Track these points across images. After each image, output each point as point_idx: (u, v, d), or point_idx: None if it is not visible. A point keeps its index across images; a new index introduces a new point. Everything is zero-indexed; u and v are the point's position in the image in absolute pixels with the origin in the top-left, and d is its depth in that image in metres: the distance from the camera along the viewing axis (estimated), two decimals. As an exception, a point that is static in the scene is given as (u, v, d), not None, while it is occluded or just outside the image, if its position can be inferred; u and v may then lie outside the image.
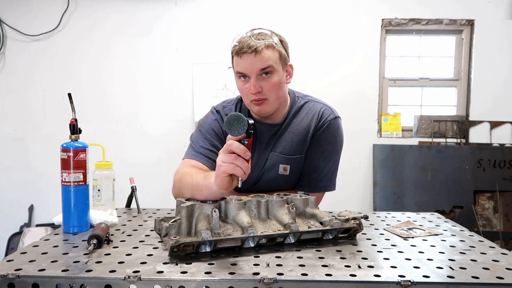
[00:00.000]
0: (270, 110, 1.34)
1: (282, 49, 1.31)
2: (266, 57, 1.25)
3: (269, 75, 1.28)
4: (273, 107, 1.34)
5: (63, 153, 1.13)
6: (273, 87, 1.29)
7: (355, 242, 1.06)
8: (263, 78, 1.28)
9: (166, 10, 3.26)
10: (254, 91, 1.27)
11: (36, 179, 3.32)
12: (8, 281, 0.79)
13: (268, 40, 1.26)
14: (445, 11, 3.25)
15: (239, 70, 1.29)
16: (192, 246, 0.92)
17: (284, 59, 1.32)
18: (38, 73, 3.30)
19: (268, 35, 1.28)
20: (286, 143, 1.40)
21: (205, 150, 1.37)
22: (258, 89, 1.27)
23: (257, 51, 1.23)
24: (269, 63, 1.26)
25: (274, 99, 1.31)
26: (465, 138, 3.30)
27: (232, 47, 1.30)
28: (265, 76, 1.27)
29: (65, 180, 1.13)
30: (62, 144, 1.13)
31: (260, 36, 1.27)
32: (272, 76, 1.28)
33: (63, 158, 1.13)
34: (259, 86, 1.27)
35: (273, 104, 1.33)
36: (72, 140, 1.15)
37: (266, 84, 1.28)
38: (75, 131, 1.16)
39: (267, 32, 1.29)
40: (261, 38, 1.26)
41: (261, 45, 1.24)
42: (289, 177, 1.41)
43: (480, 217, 3.18)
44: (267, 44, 1.25)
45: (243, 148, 0.92)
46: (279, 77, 1.30)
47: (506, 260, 0.93)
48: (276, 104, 1.34)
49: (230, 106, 1.48)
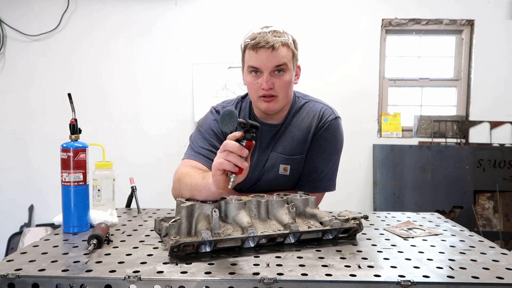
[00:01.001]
0: (278, 108, 1.35)
1: (294, 49, 1.33)
2: (282, 54, 1.27)
3: (282, 72, 1.30)
4: (281, 105, 1.35)
5: (63, 153, 1.13)
6: (285, 85, 1.31)
7: (355, 242, 1.06)
8: (276, 75, 1.29)
9: (166, 10, 3.26)
10: (267, 87, 1.29)
11: (36, 179, 3.32)
12: (8, 281, 0.79)
13: (283, 38, 1.29)
14: (445, 11, 3.25)
15: (252, 65, 1.30)
16: (192, 246, 0.92)
17: (296, 59, 1.35)
18: (38, 73, 3.30)
19: (282, 33, 1.31)
20: (286, 143, 1.40)
21: (205, 150, 1.37)
22: (270, 85, 1.29)
23: (274, 47, 1.25)
24: (284, 60, 1.28)
25: (283, 97, 1.33)
26: (465, 138, 3.30)
27: (244, 41, 1.32)
28: (278, 74, 1.29)
29: (65, 180, 1.13)
30: (62, 144, 1.13)
31: (276, 34, 1.29)
32: (284, 74, 1.30)
33: (63, 158, 1.13)
34: (271, 83, 1.29)
35: (281, 102, 1.34)
36: (72, 140, 1.15)
37: (278, 81, 1.30)
38: (75, 131, 1.16)
39: (281, 30, 1.31)
40: (277, 36, 1.28)
41: (279, 42, 1.27)
42: (290, 177, 1.41)
43: (480, 217, 3.18)
44: (283, 42, 1.28)
45: (238, 146, 0.93)
46: (291, 76, 1.32)
47: (506, 260, 0.93)
48: (284, 102, 1.35)
49: (230, 106, 1.48)
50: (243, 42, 1.33)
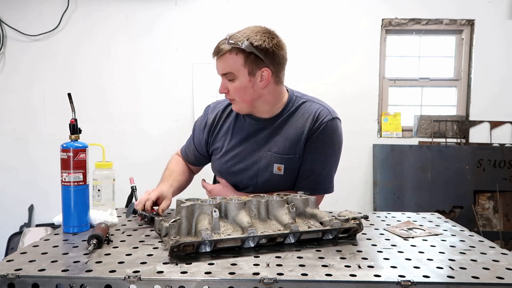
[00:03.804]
0: (241, 109, 1.40)
1: (252, 54, 1.27)
2: (225, 63, 1.30)
3: (232, 79, 1.33)
4: (242, 107, 1.38)
5: (63, 153, 1.13)
6: (236, 91, 1.34)
7: (355, 242, 1.06)
8: (228, 81, 1.34)
9: (166, 10, 3.26)
10: (220, 91, 1.37)
11: (36, 179, 3.32)
12: (8, 281, 0.79)
13: (236, 45, 1.26)
14: (445, 11, 3.25)
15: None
16: (192, 246, 0.92)
17: (254, 64, 1.28)
18: (38, 73, 3.29)
19: (240, 38, 1.26)
20: (280, 142, 1.39)
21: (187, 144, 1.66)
22: (223, 90, 1.36)
23: (220, 55, 1.30)
24: (228, 70, 1.31)
25: (241, 101, 1.36)
26: (465, 138, 3.30)
27: None
28: (229, 80, 1.34)
29: (65, 180, 1.13)
30: (62, 144, 1.13)
31: (231, 39, 1.27)
32: (234, 80, 1.33)
33: (63, 158, 1.13)
34: (225, 87, 1.35)
35: (241, 105, 1.38)
36: (72, 140, 1.15)
37: (230, 86, 1.34)
38: (75, 131, 1.16)
39: (240, 36, 1.27)
40: (232, 41, 1.27)
41: (226, 50, 1.28)
42: (284, 177, 1.40)
43: (480, 217, 3.18)
44: (232, 49, 1.27)
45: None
46: (242, 82, 1.32)
47: (506, 260, 0.93)
48: (245, 104, 1.37)
49: (223, 102, 1.54)
50: None
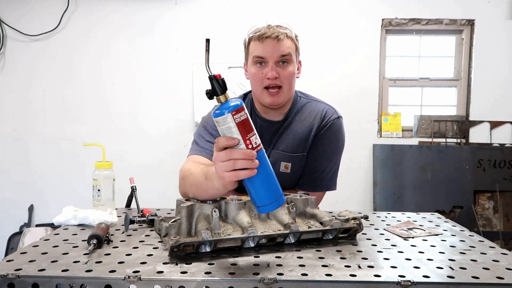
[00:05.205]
0: (282, 101, 1.38)
1: (297, 43, 1.39)
2: (286, 45, 1.32)
3: (286, 64, 1.34)
4: (285, 98, 1.38)
5: (237, 114, 0.86)
6: (289, 76, 1.34)
7: (355, 242, 1.06)
8: (280, 66, 1.33)
9: (166, 10, 3.26)
10: (272, 76, 1.32)
11: (36, 179, 3.32)
12: (8, 281, 0.79)
13: (287, 31, 1.34)
14: (445, 11, 3.25)
15: (258, 54, 1.33)
16: (192, 246, 0.92)
17: (298, 53, 1.41)
18: (38, 73, 3.29)
19: (286, 27, 1.36)
20: (288, 141, 1.41)
21: (211, 144, 1.33)
22: (275, 74, 1.32)
23: (279, 38, 1.30)
24: (289, 51, 1.33)
25: (287, 89, 1.36)
26: (465, 138, 3.30)
27: (249, 35, 1.36)
28: (282, 65, 1.33)
29: (256, 144, 0.86)
30: (227, 107, 0.87)
31: (280, 27, 1.34)
32: (288, 65, 1.34)
33: (243, 119, 0.86)
34: (276, 73, 1.32)
35: (286, 95, 1.37)
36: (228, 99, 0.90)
37: (283, 71, 1.33)
38: (225, 87, 0.93)
39: (284, 25, 1.36)
40: (281, 29, 1.33)
41: (283, 33, 1.32)
42: (291, 176, 1.42)
43: (480, 217, 3.18)
44: (288, 34, 1.34)
45: (244, 152, 0.84)
46: (294, 68, 1.36)
47: (506, 260, 0.93)
48: (288, 95, 1.38)
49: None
50: (247, 36, 1.37)
